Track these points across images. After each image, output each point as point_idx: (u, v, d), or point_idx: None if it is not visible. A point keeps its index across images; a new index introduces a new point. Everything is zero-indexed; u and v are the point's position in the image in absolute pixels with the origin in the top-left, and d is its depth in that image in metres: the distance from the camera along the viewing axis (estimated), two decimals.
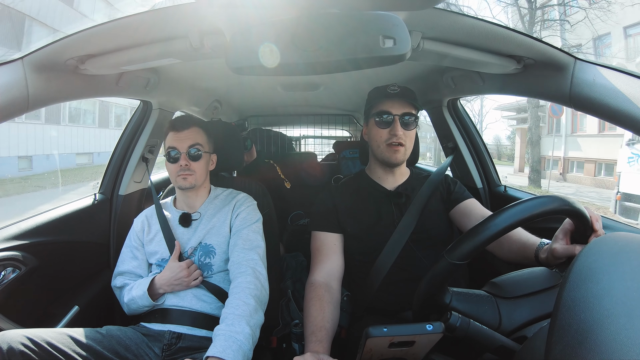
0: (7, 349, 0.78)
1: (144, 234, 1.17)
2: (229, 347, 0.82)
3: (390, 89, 1.09)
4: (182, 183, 1.12)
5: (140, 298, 1.04)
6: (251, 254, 1.06)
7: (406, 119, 1.08)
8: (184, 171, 1.11)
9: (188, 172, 1.11)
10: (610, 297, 0.36)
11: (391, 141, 1.07)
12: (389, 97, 1.08)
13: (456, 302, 0.66)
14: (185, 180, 1.11)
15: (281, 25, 0.61)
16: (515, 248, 0.90)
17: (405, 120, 1.07)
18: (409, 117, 1.08)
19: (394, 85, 1.09)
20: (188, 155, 1.11)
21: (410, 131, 1.09)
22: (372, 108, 1.12)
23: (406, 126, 1.08)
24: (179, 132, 1.13)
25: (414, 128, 1.10)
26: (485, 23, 0.80)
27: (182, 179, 1.11)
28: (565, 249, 0.71)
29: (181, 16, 0.79)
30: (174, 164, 1.12)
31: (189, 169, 1.11)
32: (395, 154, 1.08)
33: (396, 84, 1.10)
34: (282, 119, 3.09)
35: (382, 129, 1.08)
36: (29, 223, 1.12)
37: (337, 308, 0.95)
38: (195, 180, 1.13)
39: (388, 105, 1.08)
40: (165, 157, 1.14)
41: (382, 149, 1.09)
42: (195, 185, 1.14)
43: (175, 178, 1.12)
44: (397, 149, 1.08)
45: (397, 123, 1.06)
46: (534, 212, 0.60)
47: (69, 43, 0.83)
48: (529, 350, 0.54)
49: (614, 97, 0.74)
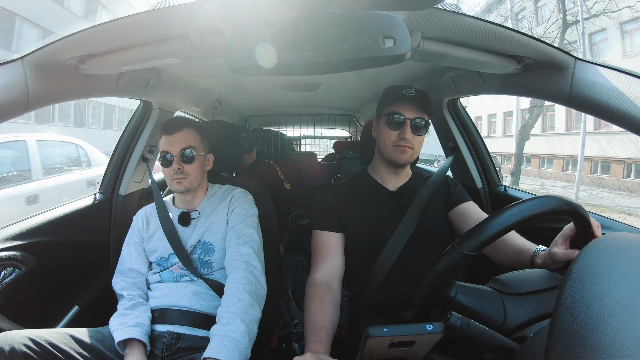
0: (9, 350, 0.78)
1: (144, 230, 1.17)
2: (225, 346, 0.82)
3: (406, 91, 1.07)
4: (177, 187, 1.12)
5: (115, 335, 0.95)
6: (245, 248, 1.06)
7: (417, 122, 1.06)
8: (177, 175, 1.10)
9: (181, 175, 1.10)
10: (610, 297, 0.36)
11: (399, 143, 1.07)
12: (404, 100, 1.07)
13: (461, 296, 0.66)
14: (179, 184, 1.11)
15: (281, 25, 0.61)
16: (511, 252, 0.90)
17: (416, 124, 1.06)
18: (420, 121, 1.07)
19: (411, 88, 1.08)
20: (181, 159, 1.10)
21: (420, 136, 1.09)
22: (385, 107, 1.11)
23: (417, 130, 1.07)
24: (170, 135, 1.12)
25: (423, 134, 1.09)
26: (486, 23, 0.80)
27: (176, 183, 1.11)
28: (565, 253, 0.71)
29: (181, 16, 0.79)
30: (167, 168, 1.11)
31: (182, 172, 1.10)
32: (402, 155, 1.08)
33: (412, 87, 1.08)
34: (282, 119, 3.09)
35: (392, 130, 1.07)
36: (29, 223, 1.12)
37: (338, 308, 0.95)
38: (190, 183, 1.12)
39: (401, 107, 1.07)
40: (159, 161, 1.14)
41: (390, 149, 1.09)
42: (190, 189, 1.13)
43: (170, 182, 1.12)
44: (404, 149, 1.07)
45: (408, 127, 1.06)
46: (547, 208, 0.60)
47: (69, 43, 0.83)
48: (529, 350, 0.54)
49: (614, 97, 0.74)
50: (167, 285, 1.08)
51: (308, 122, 3.14)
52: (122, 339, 0.93)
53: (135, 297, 1.06)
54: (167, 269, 1.10)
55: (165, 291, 1.07)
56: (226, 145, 1.33)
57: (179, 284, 1.08)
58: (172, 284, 1.08)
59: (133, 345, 0.94)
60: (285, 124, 3.30)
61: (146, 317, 1.01)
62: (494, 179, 1.59)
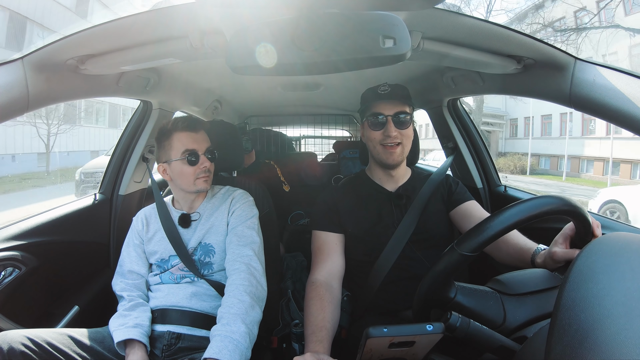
0: (8, 349, 0.78)
1: (144, 232, 1.16)
2: (225, 347, 0.82)
3: (380, 90, 1.07)
4: (204, 186, 1.10)
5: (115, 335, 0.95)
6: (245, 249, 1.05)
7: (400, 117, 1.06)
8: (204, 173, 1.09)
9: (208, 173, 1.11)
10: (610, 297, 0.36)
11: (386, 142, 1.06)
12: (380, 98, 1.07)
13: (461, 297, 0.66)
14: (206, 182, 1.11)
15: (281, 25, 0.61)
16: (512, 251, 0.90)
17: (399, 119, 1.06)
18: (403, 116, 1.06)
19: (384, 85, 1.07)
20: (207, 157, 1.10)
21: (406, 129, 1.08)
22: (365, 110, 1.11)
23: (400, 125, 1.06)
24: (196, 133, 1.10)
25: (409, 126, 1.08)
26: (486, 23, 0.80)
27: (203, 181, 1.10)
28: (565, 252, 0.71)
29: (181, 16, 0.79)
30: (192, 167, 1.08)
31: (209, 170, 1.11)
32: (391, 155, 1.08)
33: (387, 84, 1.08)
34: (282, 119, 3.09)
35: (376, 131, 1.07)
36: (29, 223, 1.12)
37: (338, 308, 0.95)
38: (211, 181, 1.13)
39: (380, 106, 1.07)
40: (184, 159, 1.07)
41: (378, 150, 1.09)
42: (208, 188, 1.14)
43: (194, 181, 1.09)
44: (392, 150, 1.07)
45: (391, 123, 1.05)
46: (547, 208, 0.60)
47: (69, 43, 0.83)
48: (529, 350, 0.54)
49: (614, 97, 0.74)
50: (167, 287, 1.08)
51: (308, 122, 3.14)
52: (122, 339, 0.93)
53: (135, 297, 1.06)
54: (168, 271, 1.10)
55: (165, 292, 1.07)
56: (226, 146, 1.33)
57: (179, 285, 1.07)
58: (173, 285, 1.08)
59: (133, 345, 0.94)
60: (285, 124, 3.30)
61: (146, 317, 1.00)
62: (494, 179, 1.59)
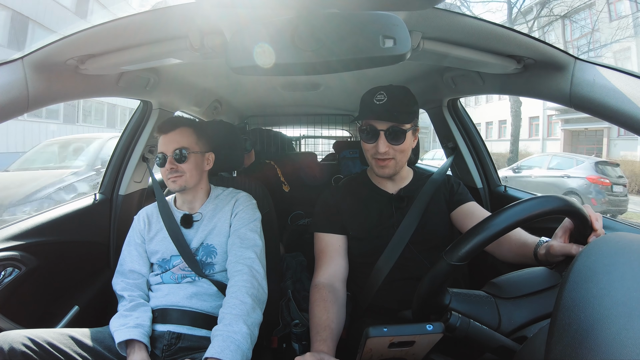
0: (9, 349, 0.78)
1: (145, 231, 1.16)
2: (227, 347, 0.82)
3: (376, 99, 0.97)
4: (172, 186, 1.12)
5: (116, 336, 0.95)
6: (248, 252, 1.06)
7: (394, 132, 0.97)
8: (172, 174, 1.10)
9: (176, 174, 1.10)
10: (610, 298, 0.36)
11: (377, 157, 1.01)
12: (373, 109, 0.97)
13: (455, 303, 0.66)
14: (174, 183, 1.11)
15: (281, 25, 0.61)
16: (514, 248, 0.89)
17: (392, 134, 0.97)
18: (397, 131, 0.97)
19: (381, 94, 0.98)
20: (174, 158, 1.10)
21: (400, 145, 0.99)
22: (360, 118, 1.03)
23: (394, 140, 0.97)
24: (165, 135, 1.12)
25: (403, 141, 0.99)
26: (485, 23, 0.80)
27: (171, 182, 1.11)
28: (562, 247, 0.70)
29: (181, 16, 0.79)
30: (162, 168, 1.12)
31: (177, 170, 1.10)
32: (383, 169, 1.03)
33: (383, 92, 0.98)
34: (282, 119, 3.09)
35: (368, 143, 1.01)
36: (29, 223, 1.12)
37: (343, 308, 0.95)
38: (186, 182, 1.11)
39: (372, 118, 0.98)
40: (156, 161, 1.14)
41: (371, 161, 1.05)
42: (186, 187, 1.13)
43: (167, 181, 1.12)
44: (383, 164, 1.01)
45: (382, 139, 0.97)
46: (533, 212, 0.60)
47: (69, 43, 0.83)
48: (529, 351, 0.54)
49: (614, 97, 0.74)
50: (167, 286, 1.08)
51: (308, 122, 3.14)
52: (123, 339, 0.93)
53: (135, 297, 1.06)
54: (169, 271, 1.10)
55: (165, 291, 1.07)
56: (226, 145, 1.33)
57: (180, 284, 1.07)
58: (173, 285, 1.08)
59: (134, 346, 0.94)
60: (285, 124, 3.30)
61: (147, 317, 1.00)
62: (494, 179, 1.59)
